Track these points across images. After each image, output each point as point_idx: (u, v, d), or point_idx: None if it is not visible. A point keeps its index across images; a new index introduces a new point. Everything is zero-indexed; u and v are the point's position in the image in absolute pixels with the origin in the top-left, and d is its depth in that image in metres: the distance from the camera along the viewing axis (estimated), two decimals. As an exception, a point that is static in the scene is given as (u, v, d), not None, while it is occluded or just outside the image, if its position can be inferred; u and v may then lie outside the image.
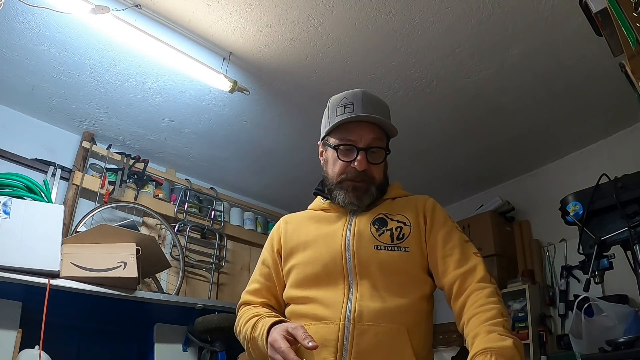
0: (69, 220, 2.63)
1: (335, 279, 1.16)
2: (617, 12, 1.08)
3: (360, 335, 1.07)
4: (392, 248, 1.17)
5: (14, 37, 2.17)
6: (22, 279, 1.87)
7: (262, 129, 2.87)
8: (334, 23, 2.08)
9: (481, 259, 1.16)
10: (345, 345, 1.06)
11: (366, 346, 1.06)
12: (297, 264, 1.24)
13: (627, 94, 1.83)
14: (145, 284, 2.68)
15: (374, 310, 1.09)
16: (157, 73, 2.40)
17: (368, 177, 1.23)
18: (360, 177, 1.22)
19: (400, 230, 1.20)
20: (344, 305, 1.11)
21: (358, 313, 1.09)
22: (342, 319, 1.09)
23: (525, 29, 2.08)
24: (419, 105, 2.61)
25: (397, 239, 1.18)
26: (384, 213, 1.24)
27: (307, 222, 1.32)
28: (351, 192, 1.23)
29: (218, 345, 2.38)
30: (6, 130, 2.66)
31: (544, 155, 3.10)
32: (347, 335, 1.07)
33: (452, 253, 1.16)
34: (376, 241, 1.18)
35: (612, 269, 1.67)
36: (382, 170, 1.27)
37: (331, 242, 1.21)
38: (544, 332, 2.69)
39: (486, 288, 1.08)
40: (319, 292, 1.16)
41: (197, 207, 3.26)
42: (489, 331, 0.97)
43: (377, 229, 1.20)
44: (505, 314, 1.03)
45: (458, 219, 3.30)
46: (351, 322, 1.08)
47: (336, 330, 1.08)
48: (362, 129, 1.23)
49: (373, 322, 1.08)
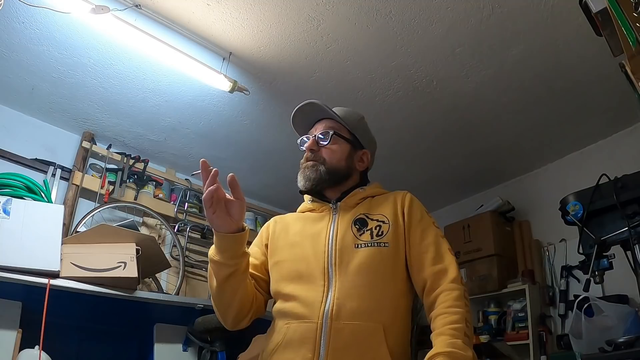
0: (69, 220, 2.63)
1: (316, 278, 1.21)
2: (617, 12, 1.08)
3: (337, 333, 1.11)
4: (371, 244, 1.22)
5: (14, 37, 2.17)
6: (22, 279, 1.86)
7: (262, 129, 2.87)
8: (334, 23, 2.08)
9: (454, 258, 1.23)
10: (323, 343, 1.10)
11: (342, 344, 1.10)
12: (282, 260, 1.30)
13: (627, 94, 1.83)
14: (145, 284, 2.68)
15: (351, 309, 1.14)
16: (157, 73, 2.40)
17: (316, 157, 1.35)
18: (308, 158, 1.36)
19: (379, 229, 1.26)
20: (322, 304, 1.15)
21: (336, 312, 1.13)
22: (320, 318, 1.13)
23: (525, 29, 2.08)
24: (419, 105, 2.61)
25: (377, 236, 1.24)
26: (364, 213, 1.30)
27: (294, 222, 1.39)
28: (301, 174, 1.36)
29: (218, 345, 2.38)
30: (6, 130, 2.66)
31: (544, 155, 3.10)
32: (324, 333, 1.11)
33: (428, 250, 1.23)
34: (357, 240, 1.24)
35: (612, 269, 1.68)
36: (336, 155, 1.36)
37: (315, 241, 1.27)
38: (544, 332, 2.68)
39: (455, 290, 1.14)
40: (301, 291, 1.21)
41: (197, 207, 3.26)
42: (453, 335, 1.05)
43: (358, 229, 1.27)
44: (469, 319, 1.11)
45: (458, 219, 3.31)
46: (328, 321, 1.12)
47: (314, 328, 1.13)
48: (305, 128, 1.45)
49: (350, 321, 1.12)
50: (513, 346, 2.80)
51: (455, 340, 1.04)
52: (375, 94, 2.53)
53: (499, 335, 2.93)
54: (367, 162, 1.45)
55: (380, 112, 2.66)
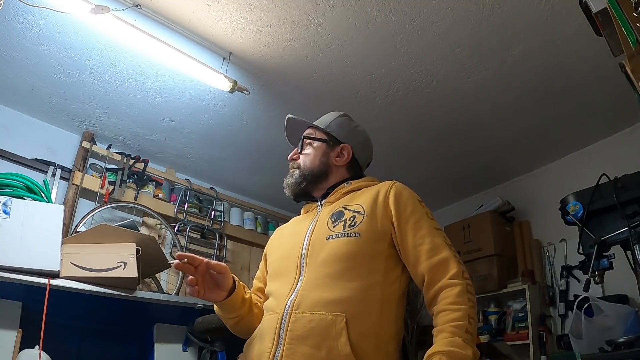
0: (69, 220, 2.63)
1: (289, 272, 1.25)
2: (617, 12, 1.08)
3: (294, 322, 1.13)
4: (341, 235, 1.22)
5: (14, 37, 2.17)
6: (22, 279, 1.86)
7: (262, 129, 2.87)
8: (334, 23, 2.08)
9: (452, 250, 1.18)
10: (281, 332, 1.13)
11: (299, 333, 1.11)
12: (270, 263, 1.40)
13: (627, 94, 1.83)
14: (145, 284, 2.68)
15: (312, 300, 1.15)
16: (157, 73, 2.40)
17: (294, 165, 1.47)
18: (290, 165, 1.48)
19: (353, 219, 1.25)
20: (288, 296, 1.18)
21: (297, 303, 1.15)
22: (282, 309, 1.16)
23: (525, 29, 2.08)
24: (419, 105, 2.61)
25: (349, 227, 1.23)
26: (343, 205, 1.31)
27: (290, 226, 1.47)
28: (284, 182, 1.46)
29: (218, 345, 2.38)
30: (6, 130, 2.66)
31: (544, 155, 3.10)
32: (283, 324, 1.14)
33: (423, 242, 1.18)
34: (329, 232, 1.25)
35: (612, 269, 1.68)
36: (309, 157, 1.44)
37: (296, 239, 1.31)
38: (544, 332, 2.69)
39: (457, 286, 1.10)
40: (276, 286, 1.26)
41: (197, 207, 3.26)
42: (453, 333, 1.03)
43: (333, 221, 1.28)
44: (472, 316, 1.07)
45: (458, 219, 3.31)
46: (289, 311, 1.15)
47: (276, 319, 1.16)
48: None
49: (309, 311, 1.13)
50: (513, 346, 2.80)
51: (455, 339, 1.02)
52: (375, 94, 2.53)
53: (499, 335, 2.93)
54: (348, 155, 1.44)
55: (380, 112, 2.66)
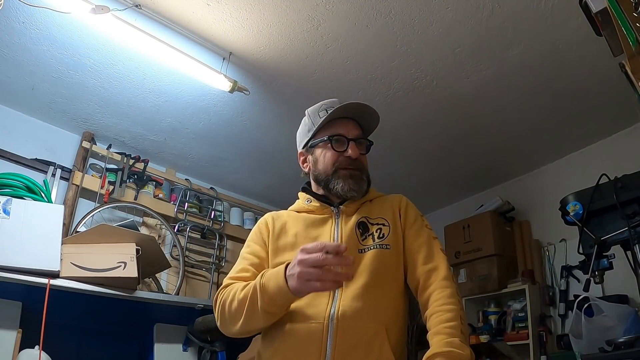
0: (69, 220, 2.63)
1: None
2: (617, 12, 1.08)
3: (343, 333, 1.12)
4: (375, 247, 1.24)
5: (14, 37, 2.17)
6: (22, 279, 1.87)
7: (262, 129, 2.87)
8: (334, 23, 2.08)
9: (445, 257, 1.25)
10: (329, 343, 1.11)
11: (348, 344, 1.11)
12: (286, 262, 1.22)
13: (627, 94, 1.83)
14: (145, 284, 2.68)
15: (356, 310, 1.14)
16: (157, 73, 2.40)
17: (361, 165, 1.33)
18: (354, 165, 1.31)
19: (380, 231, 1.28)
20: (328, 305, 1.16)
21: (342, 312, 1.14)
22: (326, 319, 1.14)
23: (525, 29, 2.08)
24: (419, 105, 2.61)
25: (379, 238, 1.26)
26: (365, 217, 1.31)
27: (294, 222, 1.35)
28: (350, 179, 1.30)
29: (218, 345, 2.38)
30: (6, 130, 2.66)
31: (544, 155, 3.10)
32: (330, 334, 1.12)
33: (420, 250, 1.25)
34: (360, 245, 1.25)
35: (612, 269, 1.68)
36: (367, 162, 1.37)
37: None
38: (544, 332, 2.69)
39: (448, 288, 1.16)
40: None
41: (197, 207, 3.26)
42: (450, 334, 1.05)
43: (361, 233, 1.28)
44: (463, 316, 1.12)
45: (458, 219, 3.31)
46: (334, 322, 1.13)
47: (320, 329, 1.13)
48: (348, 124, 1.35)
49: (355, 321, 1.13)
50: (513, 346, 2.80)
51: (452, 340, 1.04)
52: (375, 94, 2.53)
53: (499, 335, 2.93)
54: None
55: (380, 112, 2.61)
